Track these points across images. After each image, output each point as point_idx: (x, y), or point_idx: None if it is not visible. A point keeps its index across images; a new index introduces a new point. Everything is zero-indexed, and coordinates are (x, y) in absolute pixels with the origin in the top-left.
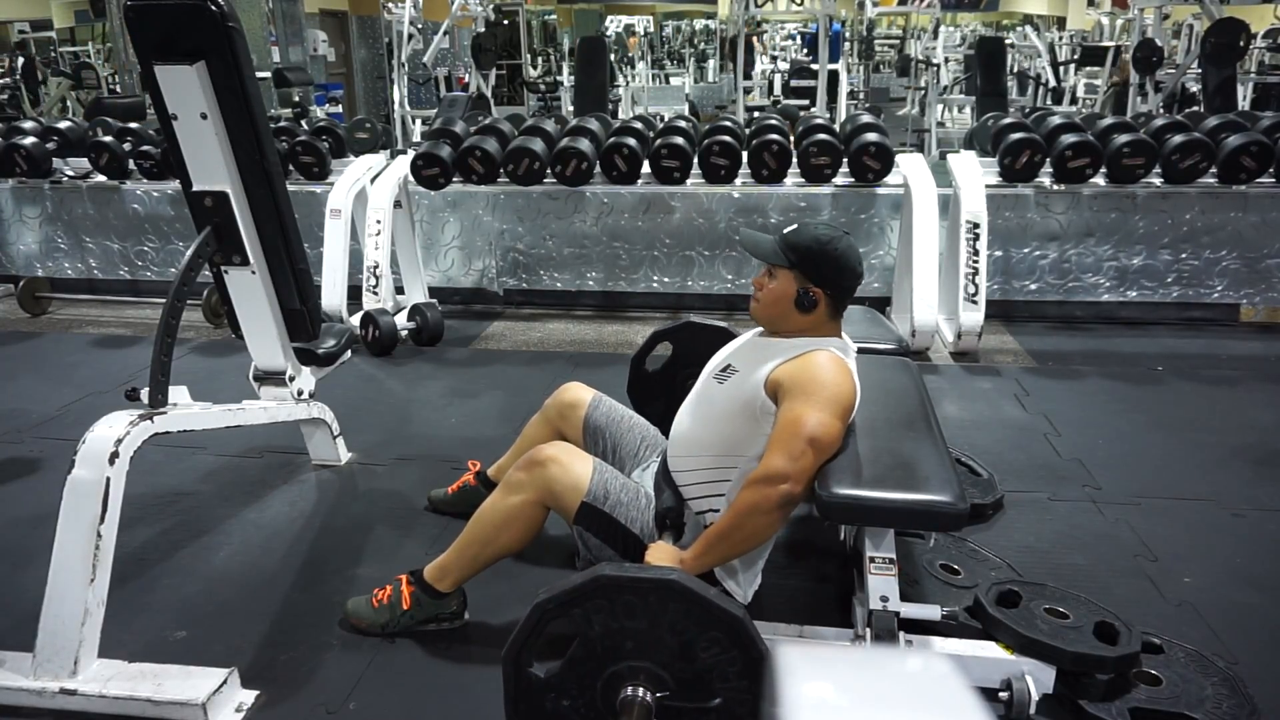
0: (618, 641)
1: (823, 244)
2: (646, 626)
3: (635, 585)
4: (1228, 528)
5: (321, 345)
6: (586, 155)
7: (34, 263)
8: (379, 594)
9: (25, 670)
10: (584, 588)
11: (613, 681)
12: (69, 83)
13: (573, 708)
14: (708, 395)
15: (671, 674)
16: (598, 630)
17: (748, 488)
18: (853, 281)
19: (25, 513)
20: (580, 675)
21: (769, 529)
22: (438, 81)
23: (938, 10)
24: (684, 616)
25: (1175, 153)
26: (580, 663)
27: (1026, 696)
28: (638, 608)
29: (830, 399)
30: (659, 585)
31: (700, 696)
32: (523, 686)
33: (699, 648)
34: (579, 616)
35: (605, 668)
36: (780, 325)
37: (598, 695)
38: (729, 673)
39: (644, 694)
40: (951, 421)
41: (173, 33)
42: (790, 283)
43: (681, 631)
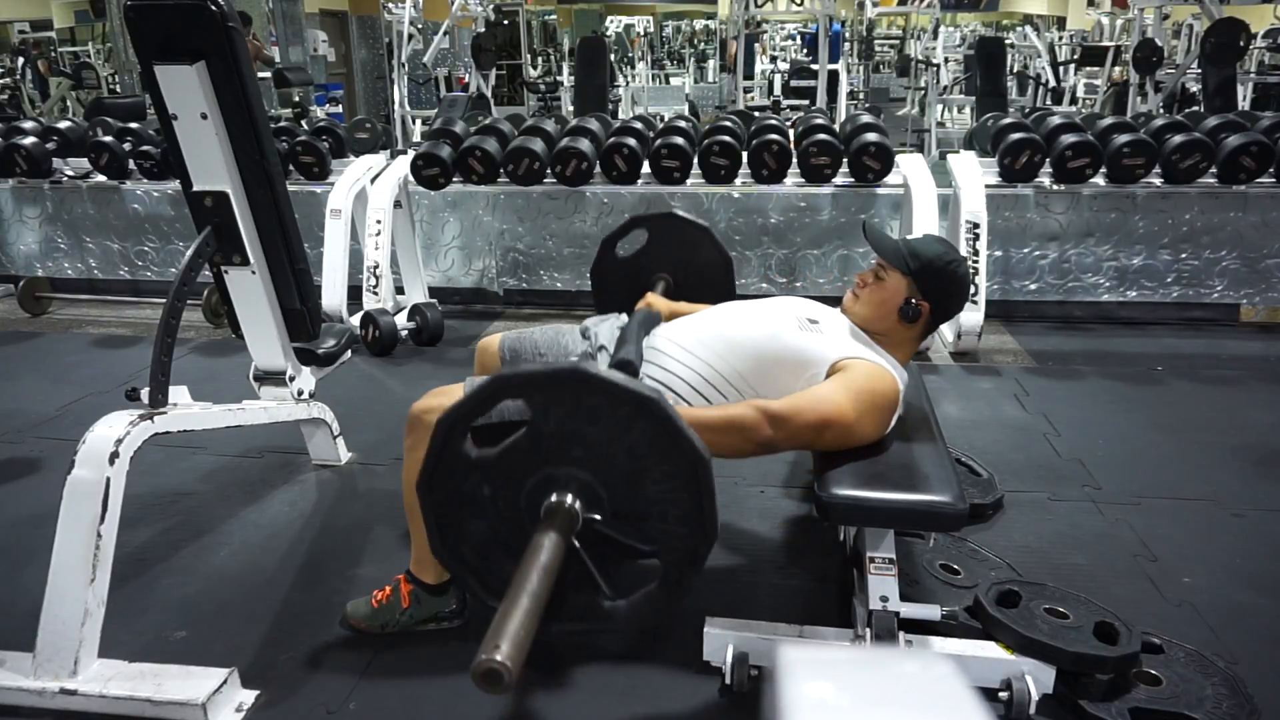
0: (568, 444)
1: (945, 261)
2: (604, 438)
3: (611, 390)
4: (1228, 528)
5: (321, 345)
6: (586, 155)
7: (34, 263)
8: (378, 595)
9: (25, 670)
10: (558, 374)
11: (545, 483)
12: (69, 83)
13: (492, 498)
14: (779, 330)
15: (611, 497)
16: (552, 425)
17: (750, 408)
18: (958, 307)
19: (25, 513)
20: (514, 466)
21: (731, 452)
22: (438, 81)
23: (938, 10)
24: (647, 440)
25: (1175, 153)
26: (520, 453)
27: (1026, 696)
28: (603, 415)
29: (866, 408)
30: (635, 398)
31: (634, 533)
32: (447, 459)
33: (650, 479)
34: (538, 402)
35: (543, 467)
36: (873, 325)
37: (524, 493)
38: (671, 514)
39: (575, 504)
40: (951, 421)
41: (173, 33)
42: (901, 289)
43: (639, 456)
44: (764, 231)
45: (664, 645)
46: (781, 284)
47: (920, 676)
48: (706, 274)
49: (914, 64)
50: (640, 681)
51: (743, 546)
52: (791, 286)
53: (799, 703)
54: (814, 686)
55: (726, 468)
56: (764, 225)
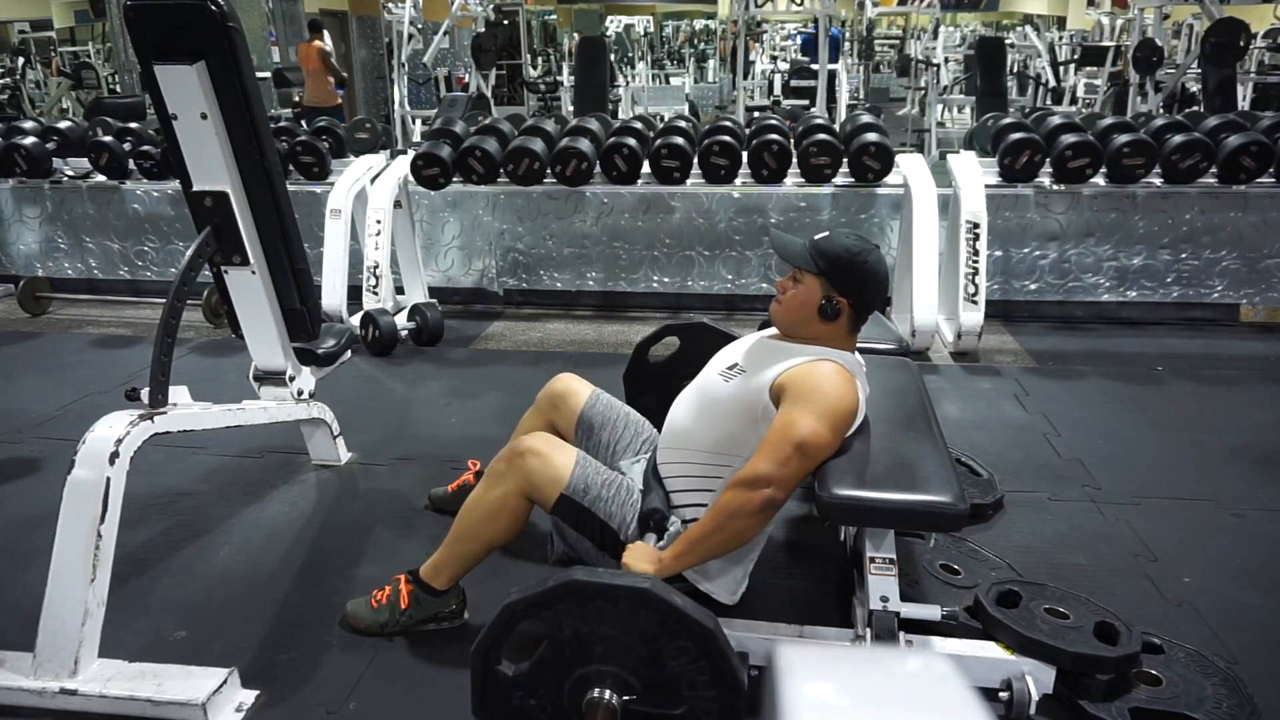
0: (587, 645)
1: (853, 254)
2: (616, 632)
3: (607, 592)
4: (1228, 528)
5: (321, 345)
6: (586, 155)
7: (34, 263)
8: (378, 595)
9: (25, 670)
10: (555, 591)
11: (580, 684)
12: (69, 83)
13: (539, 706)
14: (710, 392)
15: (639, 679)
16: (567, 633)
17: (731, 489)
18: (877, 296)
19: (25, 513)
20: (548, 676)
21: (749, 532)
22: (438, 81)
23: (938, 10)
24: (654, 625)
25: (1175, 153)
26: (548, 664)
27: (1026, 696)
28: (608, 613)
29: (828, 410)
30: (631, 593)
31: (667, 703)
32: (490, 684)
33: (668, 655)
34: (549, 618)
35: (573, 670)
36: (798, 331)
37: (564, 696)
38: (697, 681)
39: (610, 697)
40: (951, 421)
41: (173, 33)
42: (815, 289)
43: (651, 639)
44: (764, 231)
45: None
46: None
47: (920, 676)
48: None
49: (914, 64)
50: None
51: None
52: None
53: (799, 703)
54: (814, 686)
55: None
56: (764, 225)
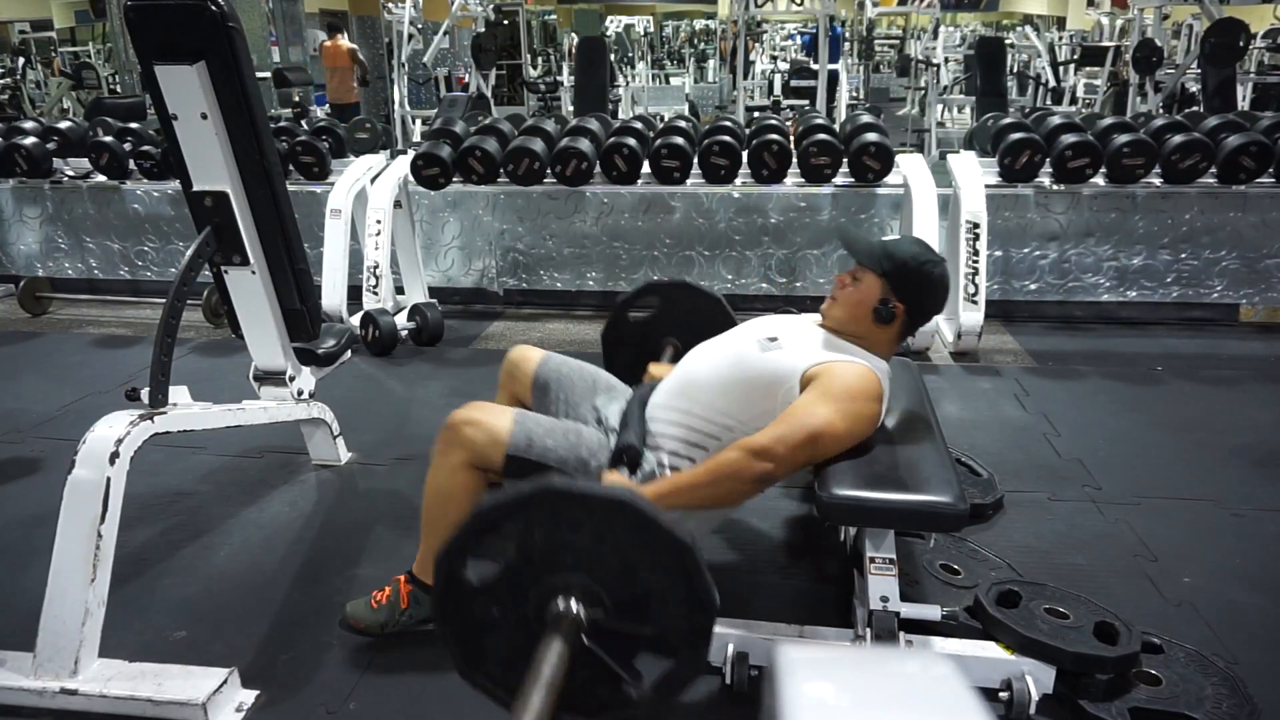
0: (557, 554)
1: (920, 262)
2: (589, 543)
3: (584, 499)
4: (1228, 528)
5: (321, 345)
6: (586, 155)
7: (34, 263)
8: (378, 595)
9: (26, 670)
10: (531, 497)
11: (546, 594)
12: (69, 83)
13: (503, 616)
14: (742, 356)
15: (609, 593)
16: (538, 540)
17: (734, 450)
18: (934, 307)
19: (25, 513)
20: (514, 585)
21: (734, 496)
22: (438, 81)
23: (938, 10)
24: (630, 536)
25: (1175, 153)
26: (516, 572)
27: (1026, 696)
28: (583, 522)
29: (850, 411)
30: (608, 502)
31: (636, 619)
32: (454, 590)
33: (642, 570)
34: (521, 525)
35: (540, 579)
36: (848, 328)
37: (530, 606)
38: (669, 598)
39: (576, 608)
40: (951, 421)
41: (173, 33)
42: (875, 290)
43: (625, 552)
44: (764, 231)
45: None
46: (782, 284)
47: (920, 676)
48: None
49: (914, 64)
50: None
51: (743, 546)
52: (791, 286)
53: (799, 703)
54: (814, 686)
55: None
56: (764, 225)
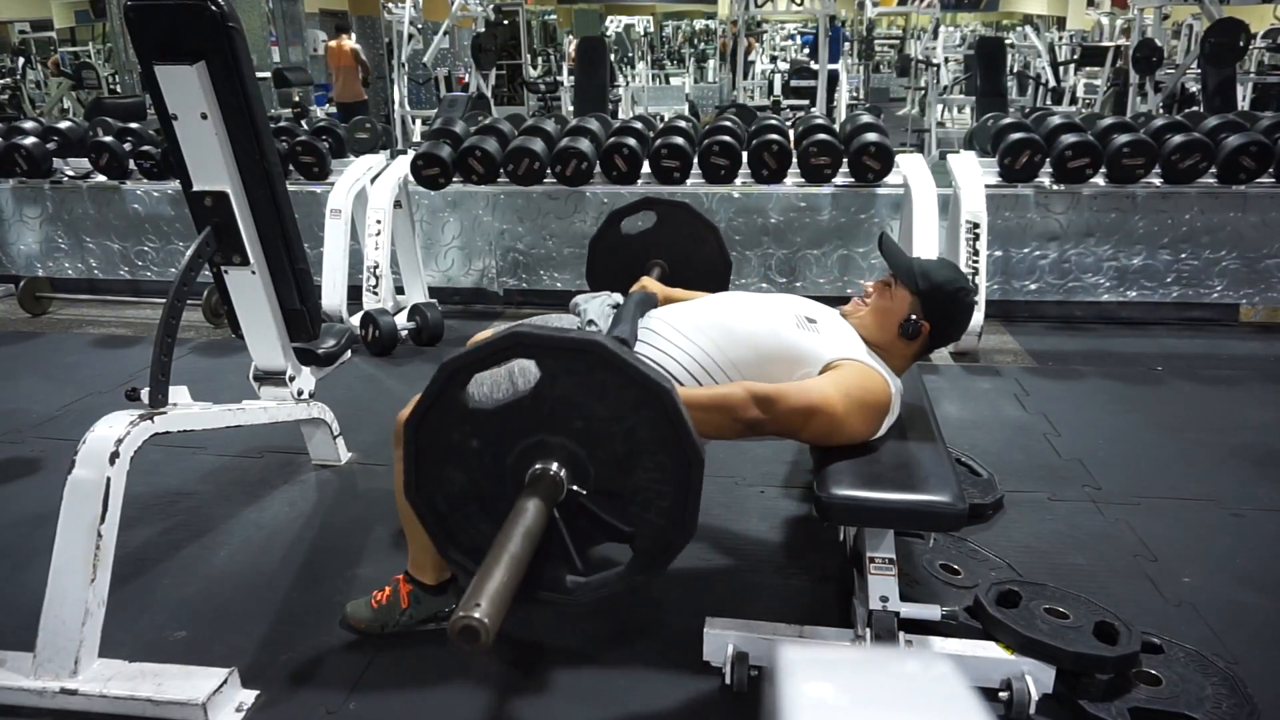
0: (569, 414)
1: (955, 287)
2: (607, 415)
3: (625, 370)
4: (1228, 528)
5: (321, 345)
6: (586, 155)
7: (34, 263)
8: (378, 595)
9: (26, 670)
10: (575, 343)
11: (537, 449)
12: (69, 83)
13: (480, 452)
14: (779, 326)
15: (598, 476)
16: (557, 391)
17: (739, 387)
18: (956, 334)
19: (25, 513)
20: (510, 425)
21: (719, 430)
22: (438, 81)
23: (938, 10)
24: (649, 428)
25: (1175, 153)
26: (518, 413)
27: (1026, 696)
28: (610, 393)
29: (856, 404)
30: (651, 385)
31: (614, 512)
32: (444, 401)
33: (642, 465)
34: (549, 368)
35: (538, 432)
36: (870, 335)
37: (514, 453)
38: (653, 505)
39: (562, 475)
40: (951, 421)
41: (173, 33)
42: (905, 305)
43: (637, 441)
44: (764, 231)
45: (664, 645)
46: (781, 284)
47: (920, 676)
48: (703, 272)
49: (914, 64)
50: (640, 681)
51: (743, 546)
52: (791, 286)
53: (799, 703)
54: (814, 686)
55: (726, 467)
56: (764, 225)
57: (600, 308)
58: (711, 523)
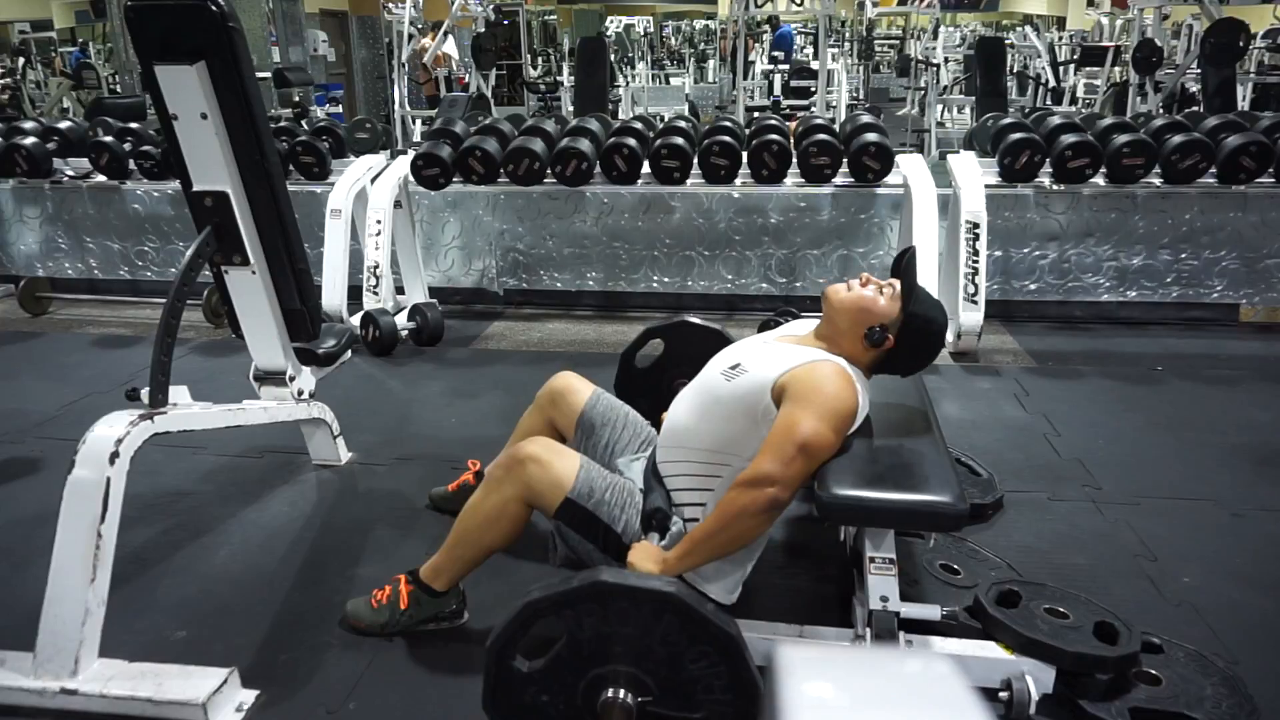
0: (606, 645)
1: (937, 326)
2: (637, 634)
3: (631, 593)
4: (1228, 528)
5: (321, 345)
6: (586, 155)
7: (34, 263)
8: (378, 594)
9: (26, 670)
10: (580, 591)
11: (596, 683)
12: (69, 83)
13: (552, 703)
14: (712, 391)
15: (656, 681)
16: (587, 632)
17: (735, 489)
18: (913, 367)
19: (25, 513)
20: (564, 673)
21: (753, 531)
22: (438, 81)
23: (938, 10)
24: (677, 629)
25: (1175, 153)
26: (565, 661)
27: (1026, 696)
28: (631, 615)
29: (829, 410)
30: (656, 596)
31: (683, 705)
32: (503, 679)
33: (688, 659)
34: (570, 617)
35: (590, 669)
36: (833, 324)
37: (579, 695)
38: (715, 685)
39: (626, 697)
40: (951, 421)
41: (173, 33)
42: (887, 314)
43: (673, 643)
44: (764, 231)
45: None
46: (781, 284)
47: (920, 676)
48: None
49: (914, 64)
50: None
51: None
52: (791, 286)
53: (799, 703)
54: (814, 686)
55: None
56: (764, 225)
57: (639, 472)
58: None
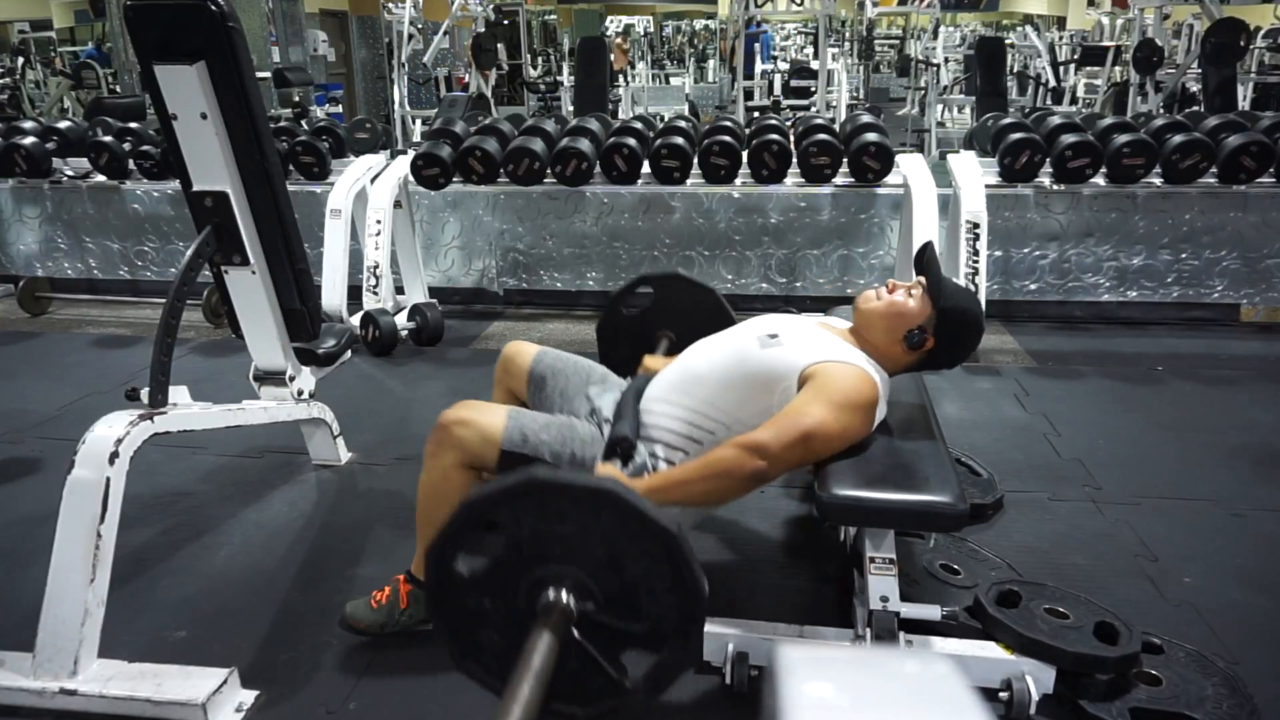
0: (545, 546)
1: (974, 316)
2: (576, 532)
3: (568, 490)
4: (1228, 528)
5: (321, 345)
6: (586, 155)
7: (34, 263)
8: (377, 595)
9: (25, 670)
10: (514, 488)
11: (537, 585)
12: (69, 83)
13: (494, 608)
14: (741, 352)
15: (599, 585)
16: (526, 532)
17: (729, 447)
18: (956, 360)
19: (25, 513)
20: (505, 576)
21: (728, 494)
22: (438, 81)
23: (938, 10)
24: (616, 526)
25: (1175, 153)
26: (506, 564)
27: (1026, 696)
28: (569, 513)
29: (845, 409)
30: (592, 492)
31: (628, 615)
32: (445, 583)
33: (628, 559)
34: (508, 517)
35: (531, 570)
36: (869, 333)
37: (520, 597)
38: (657, 587)
39: (567, 599)
40: (951, 421)
41: (173, 33)
42: (922, 315)
43: (612, 542)
44: (764, 231)
45: None
46: (782, 284)
47: (920, 676)
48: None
49: (914, 64)
50: None
51: (743, 546)
52: (791, 286)
53: (799, 703)
54: (814, 686)
55: None
56: (764, 225)
57: (611, 402)
58: (712, 523)
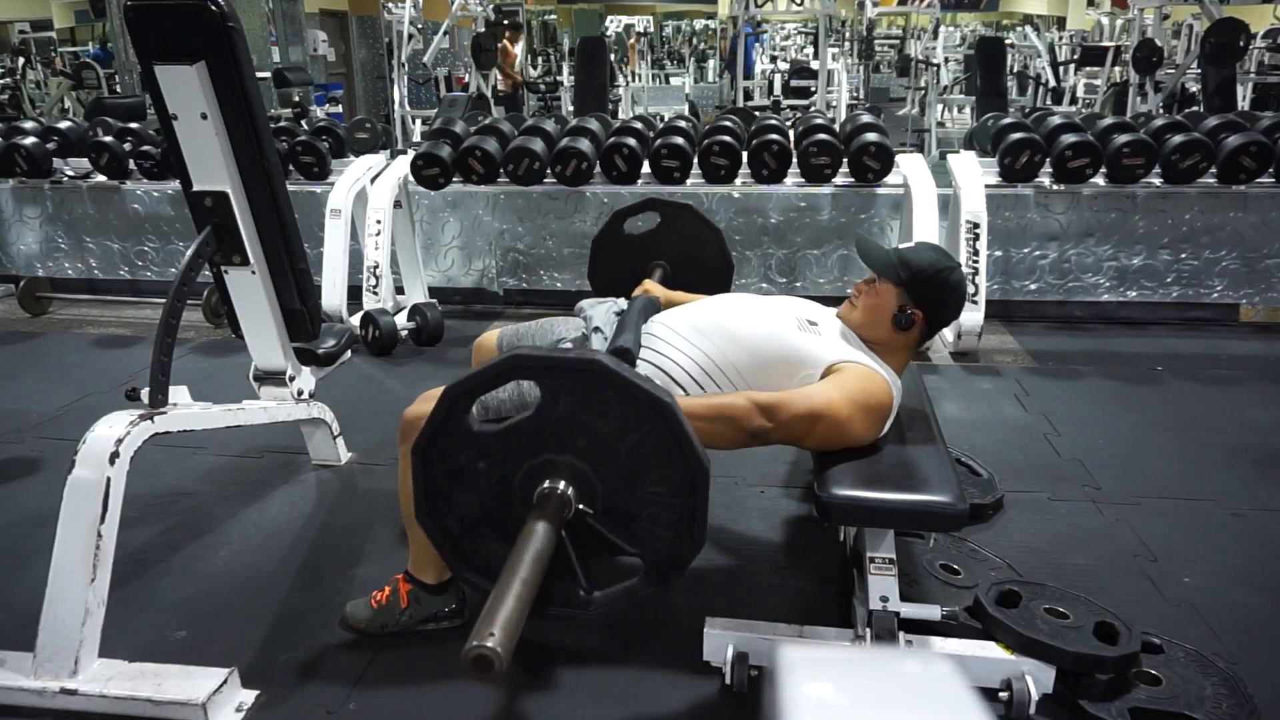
0: (572, 432)
1: (937, 269)
2: (611, 432)
3: (627, 389)
4: (1228, 528)
5: (321, 345)
6: (586, 155)
7: (34, 263)
8: (378, 595)
9: (25, 670)
10: (576, 362)
11: (543, 469)
12: (69, 83)
13: (487, 473)
14: (780, 328)
15: (606, 491)
16: (560, 411)
17: (742, 397)
18: (952, 315)
19: (25, 513)
20: (515, 446)
21: (722, 441)
22: (438, 81)
23: (938, 10)
24: (653, 443)
25: (1175, 153)
26: (523, 434)
27: (1026, 696)
28: (612, 410)
29: (859, 407)
30: (650, 400)
31: (620, 532)
32: (448, 426)
33: (649, 480)
34: (549, 388)
35: (544, 452)
36: (868, 333)
37: (519, 474)
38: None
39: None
40: (951, 421)
41: (173, 33)
42: (892, 298)
43: (642, 455)
44: (764, 231)
45: (664, 645)
46: (781, 284)
47: (920, 676)
48: (705, 274)
49: (914, 64)
50: (640, 681)
51: (743, 546)
52: (791, 286)
53: (799, 703)
54: (814, 686)
55: (726, 467)
56: (764, 225)
57: (606, 314)
58: (712, 523)
